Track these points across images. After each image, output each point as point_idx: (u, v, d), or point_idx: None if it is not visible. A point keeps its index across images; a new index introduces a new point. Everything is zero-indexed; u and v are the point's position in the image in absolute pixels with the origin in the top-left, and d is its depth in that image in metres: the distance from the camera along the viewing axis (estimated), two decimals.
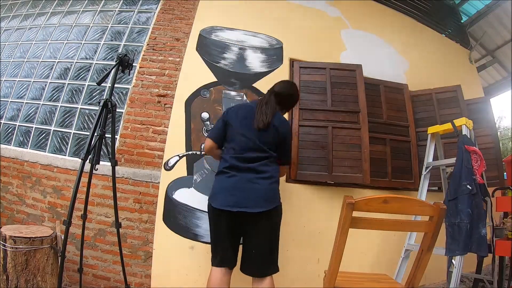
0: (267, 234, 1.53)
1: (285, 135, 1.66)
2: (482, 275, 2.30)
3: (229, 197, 1.49)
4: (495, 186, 2.60)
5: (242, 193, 1.48)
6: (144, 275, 2.14)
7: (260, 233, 1.51)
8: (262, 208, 1.46)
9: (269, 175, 1.55)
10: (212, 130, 1.73)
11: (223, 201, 1.49)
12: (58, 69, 2.82)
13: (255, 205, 1.46)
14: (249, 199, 1.47)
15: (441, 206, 1.15)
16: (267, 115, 1.59)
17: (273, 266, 1.55)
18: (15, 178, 2.51)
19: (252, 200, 1.46)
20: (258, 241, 1.51)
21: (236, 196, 1.48)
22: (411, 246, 2.13)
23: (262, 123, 1.56)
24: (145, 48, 2.67)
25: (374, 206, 1.12)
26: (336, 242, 1.18)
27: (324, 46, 2.93)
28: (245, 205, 1.45)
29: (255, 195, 1.48)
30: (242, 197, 1.47)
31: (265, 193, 1.51)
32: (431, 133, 2.32)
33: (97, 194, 2.26)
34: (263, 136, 1.57)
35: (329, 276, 1.22)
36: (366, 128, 2.50)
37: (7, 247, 1.70)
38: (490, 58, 5.04)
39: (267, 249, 1.53)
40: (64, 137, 2.55)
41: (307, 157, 2.41)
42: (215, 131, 1.70)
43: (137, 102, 2.47)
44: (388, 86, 2.91)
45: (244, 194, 1.48)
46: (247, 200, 1.46)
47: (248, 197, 1.47)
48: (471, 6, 4.34)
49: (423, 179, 2.29)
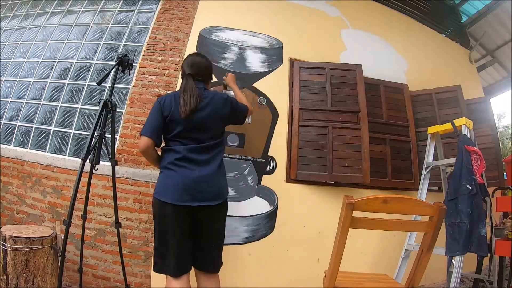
0: (221, 227, 1.57)
1: (223, 111, 1.59)
2: (482, 275, 2.29)
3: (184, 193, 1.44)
4: (495, 186, 2.60)
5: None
6: (144, 275, 2.14)
7: (214, 226, 1.52)
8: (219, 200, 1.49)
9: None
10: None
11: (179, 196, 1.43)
12: (58, 69, 2.82)
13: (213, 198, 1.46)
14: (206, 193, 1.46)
15: (441, 206, 1.15)
16: (191, 102, 1.48)
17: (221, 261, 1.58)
18: (15, 178, 2.51)
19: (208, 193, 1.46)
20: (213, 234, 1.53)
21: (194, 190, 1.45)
22: (411, 246, 2.13)
23: (184, 113, 1.46)
24: (145, 48, 2.67)
25: (374, 206, 1.12)
26: (336, 242, 1.18)
27: (324, 46, 2.93)
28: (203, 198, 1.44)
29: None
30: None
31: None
32: (431, 133, 2.32)
33: (97, 194, 2.26)
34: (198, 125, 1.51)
35: (329, 276, 1.22)
36: (366, 128, 2.50)
37: (7, 247, 1.70)
38: (490, 58, 5.03)
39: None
40: (64, 137, 2.55)
41: (307, 157, 2.41)
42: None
43: (137, 102, 2.47)
44: (388, 86, 2.91)
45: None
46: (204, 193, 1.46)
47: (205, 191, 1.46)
48: (471, 6, 4.34)
49: (423, 179, 2.29)
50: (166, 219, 1.42)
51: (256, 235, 2.23)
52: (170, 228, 1.42)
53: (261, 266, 2.20)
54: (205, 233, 1.50)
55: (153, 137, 1.47)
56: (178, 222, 1.41)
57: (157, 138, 1.50)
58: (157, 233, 1.47)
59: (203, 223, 1.48)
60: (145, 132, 1.47)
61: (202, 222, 1.47)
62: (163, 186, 1.46)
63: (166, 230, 1.43)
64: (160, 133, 1.52)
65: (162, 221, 1.44)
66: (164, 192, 1.43)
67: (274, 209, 2.30)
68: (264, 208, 2.29)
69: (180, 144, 1.49)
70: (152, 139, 1.47)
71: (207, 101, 1.54)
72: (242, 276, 2.16)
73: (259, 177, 2.35)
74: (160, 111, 1.50)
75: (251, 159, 2.36)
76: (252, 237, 2.22)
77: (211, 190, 1.47)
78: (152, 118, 1.50)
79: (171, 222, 1.41)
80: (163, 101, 1.52)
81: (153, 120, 1.50)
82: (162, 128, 1.50)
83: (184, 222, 1.43)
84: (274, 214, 2.29)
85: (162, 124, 1.49)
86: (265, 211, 2.28)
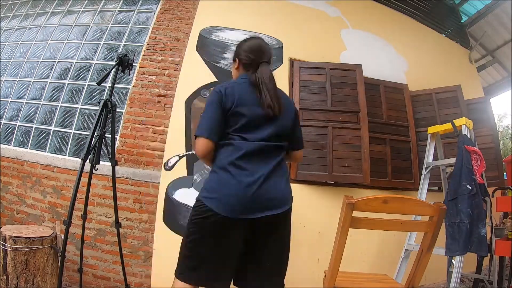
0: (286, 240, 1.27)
1: (296, 117, 1.33)
2: (482, 275, 2.29)
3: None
4: (495, 186, 2.60)
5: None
6: (144, 275, 2.14)
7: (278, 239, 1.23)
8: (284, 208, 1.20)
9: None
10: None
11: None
12: (58, 69, 2.82)
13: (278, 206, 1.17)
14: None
15: (441, 206, 1.15)
16: (277, 98, 1.22)
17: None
18: (15, 178, 2.51)
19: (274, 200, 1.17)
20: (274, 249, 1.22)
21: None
22: (411, 246, 2.13)
23: (276, 109, 1.19)
24: (145, 48, 2.67)
25: (374, 206, 1.12)
26: (336, 242, 1.18)
27: (324, 46, 2.92)
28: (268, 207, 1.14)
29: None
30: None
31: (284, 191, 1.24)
32: (431, 133, 2.32)
33: (97, 194, 2.26)
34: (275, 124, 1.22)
35: (329, 276, 1.22)
36: (366, 128, 2.50)
37: (7, 247, 1.70)
38: (490, 58, 5.03)
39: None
40: (64, 137, 2.55)
41: (307, 157, 2.41)
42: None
43: (137, 102, 2.47)
44: (388, 86, 2.91)
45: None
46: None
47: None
48: (471, 6, 4.34)
49: (423, 179, 2.29)
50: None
51: None
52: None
53: None
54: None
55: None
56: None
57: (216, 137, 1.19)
58: None
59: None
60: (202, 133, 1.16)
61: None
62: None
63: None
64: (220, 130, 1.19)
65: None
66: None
67: None
68: None
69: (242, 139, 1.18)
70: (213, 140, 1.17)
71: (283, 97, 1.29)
72: None
73: None
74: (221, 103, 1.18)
75: None
76: None
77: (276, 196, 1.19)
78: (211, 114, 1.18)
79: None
80: (224, 91, 1.20)
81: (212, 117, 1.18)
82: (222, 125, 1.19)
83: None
84: None
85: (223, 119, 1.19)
86: None
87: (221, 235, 1.12)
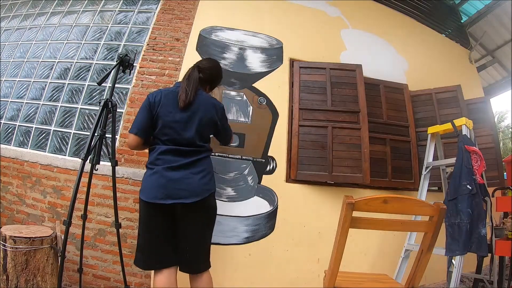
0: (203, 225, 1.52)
1: (215, 120, 1.58)
2: (482, 275, 2.29)
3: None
4: (495, 186, 2.60)
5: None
6: (144, 275, 2.14)
7: (196, 224, 1.47)
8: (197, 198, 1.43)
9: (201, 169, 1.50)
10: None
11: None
12: (58, 69, 2.82)
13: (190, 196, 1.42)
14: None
15: (441, 206, 1.15)
16: (189, 92, 1.50)
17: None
18: (15, 178, 2.51)
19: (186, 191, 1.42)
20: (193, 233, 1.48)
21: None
22: (411, 246, 2.13)
23: (183, 102, 1.47)
24: (145, 48, 2.67)
25: (374, 206, 1.12)
26: (336, 242, 1.18)
27: (324, 46, 2.93)
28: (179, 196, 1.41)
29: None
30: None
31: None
32: (431, 133, 2.32)
33: (97, 194, 2.26)
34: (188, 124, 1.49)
35: (329, 276, 1.22)
36: (366, 128, 2.50)
37: (7, 247, 1.70)
38: (490, 58, 5.04)
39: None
40: (64, 137, 2.55)
41: (307, 157, 2.41)
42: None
43: (137, 102, 2.47)
44: (388, 86, 2.91)
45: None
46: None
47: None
48: (471, 6, 4.34)
49: (423, 179, 2.29)
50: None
51: (256, 235, 2.23)
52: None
53: (261, 266, 2.20)
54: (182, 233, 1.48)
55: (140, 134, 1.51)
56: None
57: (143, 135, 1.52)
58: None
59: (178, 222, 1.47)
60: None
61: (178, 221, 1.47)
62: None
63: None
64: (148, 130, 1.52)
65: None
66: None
67: (274, 209, 2.30)
68: (264, 208, 2.29)
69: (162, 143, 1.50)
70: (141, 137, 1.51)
71: (200, 99, 1.54)
72: (242, 276, 2.16)
73: (259, 177, 2.35)
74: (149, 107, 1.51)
75: (251, 159, 2.36)
76: (252, 237, 2.22)
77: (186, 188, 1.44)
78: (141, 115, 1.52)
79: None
80: (153, 98, 1.52)
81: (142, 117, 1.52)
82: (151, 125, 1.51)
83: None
84: (274, 214, 2.30)
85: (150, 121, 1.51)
86: (265, 211, 2.28)
87: (150, 219, 1.44)
